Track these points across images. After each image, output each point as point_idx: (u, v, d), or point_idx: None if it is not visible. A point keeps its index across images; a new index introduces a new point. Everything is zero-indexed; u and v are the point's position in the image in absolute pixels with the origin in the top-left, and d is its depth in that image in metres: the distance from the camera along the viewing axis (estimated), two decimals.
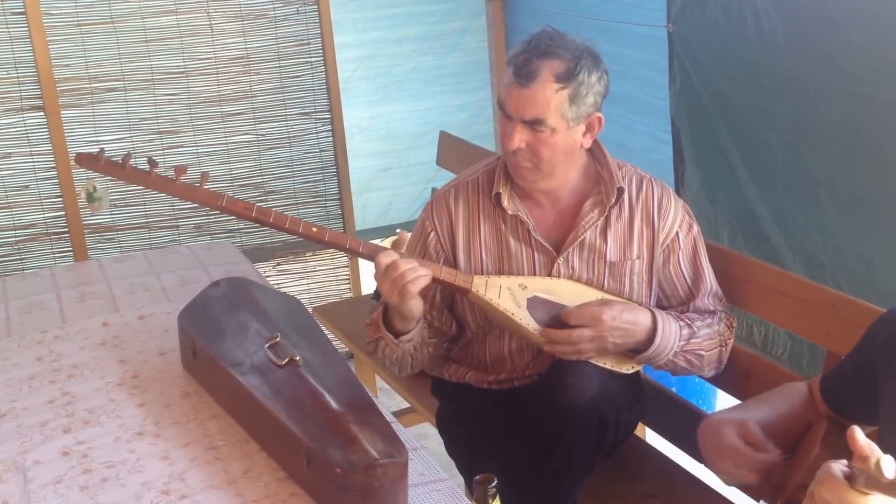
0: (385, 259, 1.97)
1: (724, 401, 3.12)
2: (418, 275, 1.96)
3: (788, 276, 2.27)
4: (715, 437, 1.67)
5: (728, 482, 1.67)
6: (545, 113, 2.04)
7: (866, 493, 1.03)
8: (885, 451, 1.06)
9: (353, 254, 2.11)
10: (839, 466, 1.06)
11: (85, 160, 1.92)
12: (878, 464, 1.00)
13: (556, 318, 2.10)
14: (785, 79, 2.62)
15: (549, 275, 2.17)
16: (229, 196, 2.02)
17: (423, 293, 2.19)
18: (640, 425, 2.59)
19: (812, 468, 1.14)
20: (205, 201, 2.01)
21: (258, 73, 3.78)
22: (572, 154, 2.14)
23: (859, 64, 2.37)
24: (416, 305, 2.01)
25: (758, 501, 1.84)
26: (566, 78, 2.04)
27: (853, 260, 2.51)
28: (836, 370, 1.77)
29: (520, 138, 2.06)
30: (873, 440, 1.07)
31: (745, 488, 1.78)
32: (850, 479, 1.05)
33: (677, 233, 2.20)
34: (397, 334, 2.10)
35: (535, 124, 2.05)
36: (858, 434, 1.06)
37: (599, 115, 2.12)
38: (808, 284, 2.20)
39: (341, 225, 3.96)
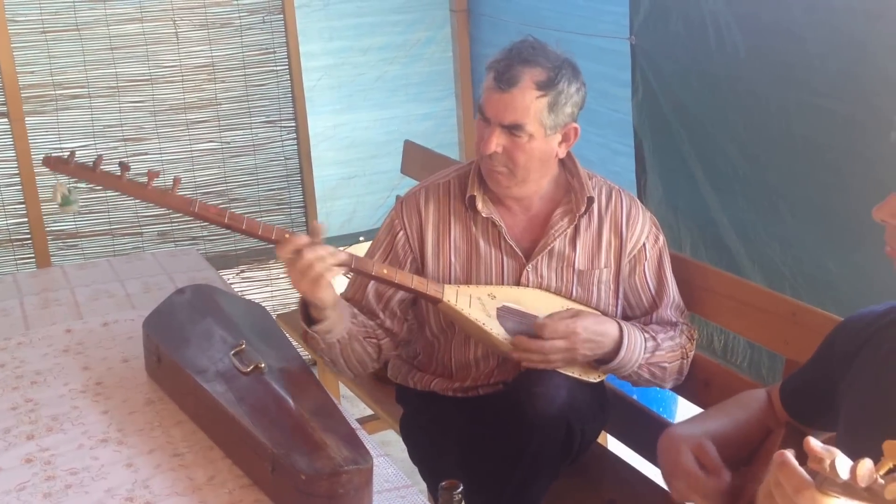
0: (291, 245, 1.92)
1: (684, 408, 3.16)
2: (327, 265, 1.91)
3: (748, 286, 2.30)
4: (672, 455, 1.69)
5: (678, 500, 1.70)
6: (524, 118, 2.06)
7: (830, 496, 1.05)
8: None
9: (268, 240, 2.03)
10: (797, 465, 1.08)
11: (53, 163, 1.90)
12: (832, 464, 1.02)
13: (526, 328, 2.11)
14: (746, 91, 2.66)
15: (518, 281, 2.19)
16: (202, 202, 2.00)
17: (380, 294, 2.20)
18: (602, 433, 2.62)
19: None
20: (176, 206, 1.98)
21: (223, 81, 3.78)
22: (547, 162, 2.16)
23: (818, 77, 2.42)
24: (326, 295, 1.95)
25: None
26: (546, 86, 2.07)
27: (811, 269, 2.54)
28: (796, 377, 1.80)
29: (497, 142, 2.08)
30: (831, 446, 1.09)
31: None
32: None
33: (644, 244, 2.23)
34: (314, 323, 2.04)
35: (513, 129, 2.07)
36: (813, 441, 1.08)
37: (576, 125, 2.15)
38: (768, 293, 2.24)
39: (305, 233, 3.94)
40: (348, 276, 2.23)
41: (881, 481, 0.97)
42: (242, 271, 3.97)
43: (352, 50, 3.97)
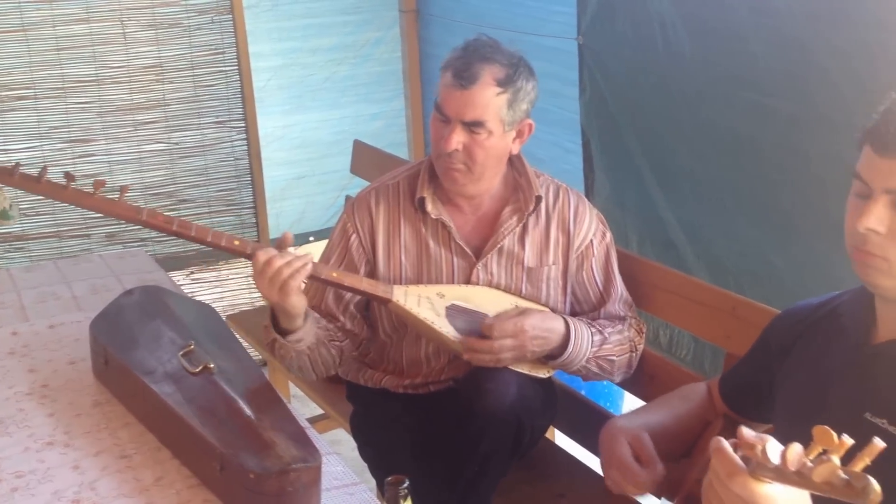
0: (263, 256, 1.92)
1: (630, 403, 3.20)
2: (294, 269, 1.91)
3: (691, 281, 2.34)
4: (609, 446, 1.72)
5: (612, 489, 1.73)
6: (485, 115, 2.08)
7: (764, 481, 1.07)
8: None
9: (231, 251, 2.03)
10: (732, 451, 1.11)
11: None
12: (763, 450, 1.05)
13: (475, 325, 2.13)
14: (692, 90, 2.70)
15: (468, 280, 2.21)
16: (149, 209, 1.99)
17: (339, 297, 2.21)
18: (550, 427, 2.65)
19: (708, 465, 1.19)
20: (124, 215, 1.96)
21: (172, 82, 3.76)
22: (502, 159, 2.18)
23: (761, 76, 2.46)
24: (298, 302, 1.97)
25: (659, 498, 1.90)
26: (506, 83, 2.09)
27: (756, 264, 2.59)
28: (734, 370, 1.84)
29: (457, 140, 2.09)
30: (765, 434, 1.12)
31: None
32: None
33: (591, 240, 2.26)
34: (285, 333, 2.06)
35: (474, 126, 2.08)
36: (746, 431, 1.11)
37: (530, 122, 2.18)
38: (710, 288, 2.28)
39: (256, 233, 3.95)
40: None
41: (810, 465, 0.99)
42: (192, 273, 3.95)
43: (301, 50, 3.96)
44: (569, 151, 3.27)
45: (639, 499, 2.23)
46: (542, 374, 2.18)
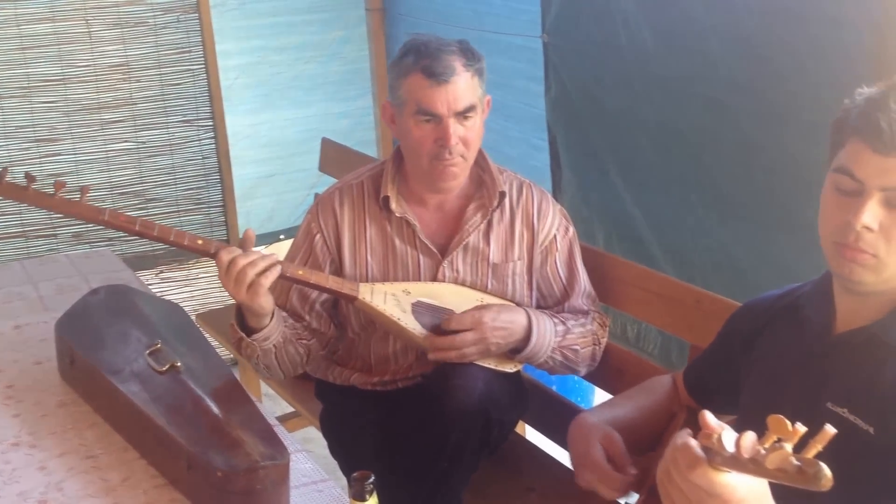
0: (226, 256, 1.93)
1: (601, 398, 3.22)
2: (260, 269, 1.92)
3: (655, 275, 2.37)
4: (583, 447, 1.74)
5: (583, 487, 1.74)
6: (473, 98, 2.12)
7: (723, 471, 1.09)
8: None
9: (199, 252, 2.04)
10: (696, 444, 1.12)
11: None
12: (719, 438, 1.07)
13: (439, 329, 2.14)
14: (655, 87, 2.73)
15: (435, 277, 2.22)
16: (111, 210, 1.98)
17: (304, 296, 2.22)
18: (520, 423, 2.66)
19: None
20: (85, 216, 1.96)
21: (138, 81, 3.74)
22: (481, 138, 2.21)
23: (721, 73, 2.49)
24: (266, 301, 1.98)
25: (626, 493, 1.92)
26: (471, 63, 2.12)
27: (720, 257, 2.62)
28: (697, 362, 1.86)
29: (456, 133, 2.10)
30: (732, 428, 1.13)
31: None
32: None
33: (555, 235, 2.28)
34: (251, 332, 2.07)
35: (467, 113, 2.11)
36: (708, 415, 1.13)
37: (489, 96, 2.21)
38: (674, 282, 2.30)
39: (225, 232, 3.95)
40: None
41: (763, 452, 1.01)
42: (161, 272, 3.94)
43: (268, 49, 3.96)
44: (536, 148, 3.29)
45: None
46: (509, 368, 2.20)
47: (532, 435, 2.69)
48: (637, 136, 2.82)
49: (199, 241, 2.00)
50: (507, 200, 2.25)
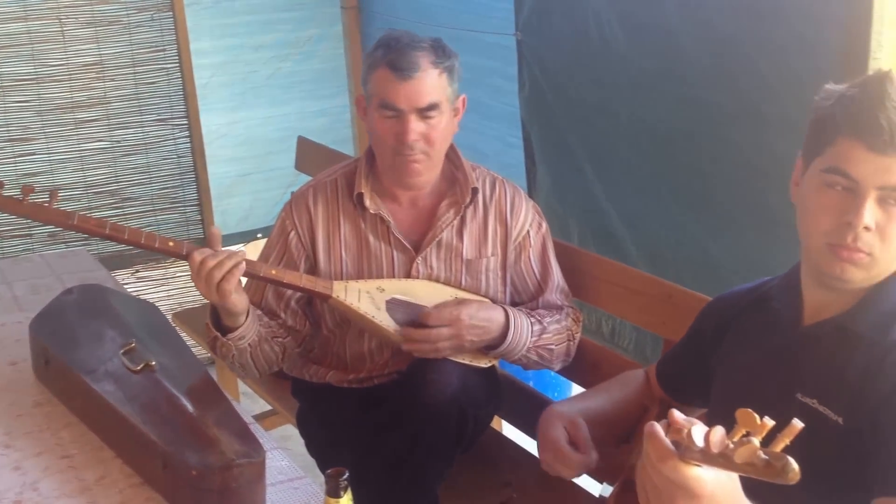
0: (198, 257, 1.94)
1: (577, 393, 3.24)
2: (226, 269, 1.93)
3: (629, 271, 2.39)
4: (545, 429, 1.75)
5: (547, 470, 1.76)
6: (438, 96, 2.12)
7: (693, 464, 1.10)
8: None
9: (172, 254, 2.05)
10: (665, 437, 1.13)
11: None
12: (689, 433, 1.08)
13: (415, 318, 2.15)
14: (627, 83, 2.74)
15: (409, 274, 2.23)
16: (80, 214, 1.97)
17: (279, 294, 2.22)
18: (496, 418, 2.68)
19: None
20: (54, 221, 1.95)
21: (112, 80, 3.73)
22: (450, 138, 2.21)
23: (692, 70, 2.51)
24: (238, 300, 1.99)
25: (601, 483, 1.94)
26: (440, 61, 2.13)
27: (693, 252, 2.64)
28: (670, 356, 1.88)
29: (416, 130, 2.11)
30: (703, 422, 1.14)
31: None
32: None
33: (528, 231, 2.29)
34: (226, 331, 2.07)
35: (429, 111, 2.11)
36: (675, 412, 1.14)
37: (464, 95, 2.22)
38: (646, 277, 2.32)
39: (201, 231, 3.94)
40: None
41: (732, 446, 1.03)
42: (138, 271, 3.93)
43: (243, 47, 3.96)
44: (510, 146, 3.30)
45: (581, 485, 2.28)
46: (484, 363, 2.21)
47: (508, 430, 2.70)
48: (610, 132, 2.84)
49: (171, 244, 2.00)
50: (480, 197, 2.26)
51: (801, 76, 2.20)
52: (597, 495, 2.02)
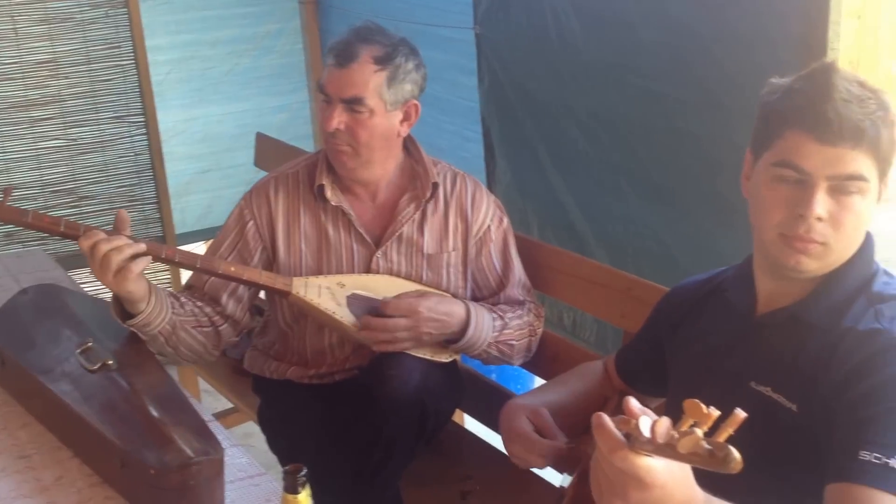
0: (86, 242, 1.89)
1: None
2: (128, 255, 1.89)
3: (587, 263, 2.40)
4: (509, 422, 1.76)
5: (518, 464, 1.76)
6: (364, 92, 2.11)
7: (644, 455, 1.10)
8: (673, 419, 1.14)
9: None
10: (615, 427, 1.14)
11: None
12: (636, 424, 1.09)
13: (376, 312, 2.15)
14: (585, 76, 2.76)
15: (368, 268, 2.23)
16: (35, 211, 1.95)
17: (226, 282, 2.20)
18: (458, 412, 2.68)
19: None
20: (8, 219, 1.92)
21: (67, 77, 3.69)
22: (389, 141, 2.20)
23: (650, 62, 2.53)
24: (134, 287, 1.93)
25: (561, 473, 1.95)
26: (384, 61, 2.12)
27: (651, 244, 2.66)
28: (628, 347, 1.90)
29: (339, 119, 2.11)
30: (661, 411, 1.15)
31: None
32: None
33: (489, 226, 2.30)
34: (127, 318, 2.01)
35: (354, 104, 2.11)
36: (631, 401, 1.15)
37: (416, 103, 2.20)
38: (605, 269, 2.34)
39: (160, 229, 3.91)
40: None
41: (677, 437, 1.04)
42: None
43: (200, 43, 3.93)
44: (468, 140, 3.31)
45: (542, 475, 2.29)
46: (444, 358, 2.21)
47: (470, 424, 2.71)
48: (569, 125, 2.85)
49: (82, 229, 1.93)
50: (440, 191, 2.26)
51: (761, 67, 2.20)
52: (557, 485, 2.03)
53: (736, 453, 0.98)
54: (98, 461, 1.73)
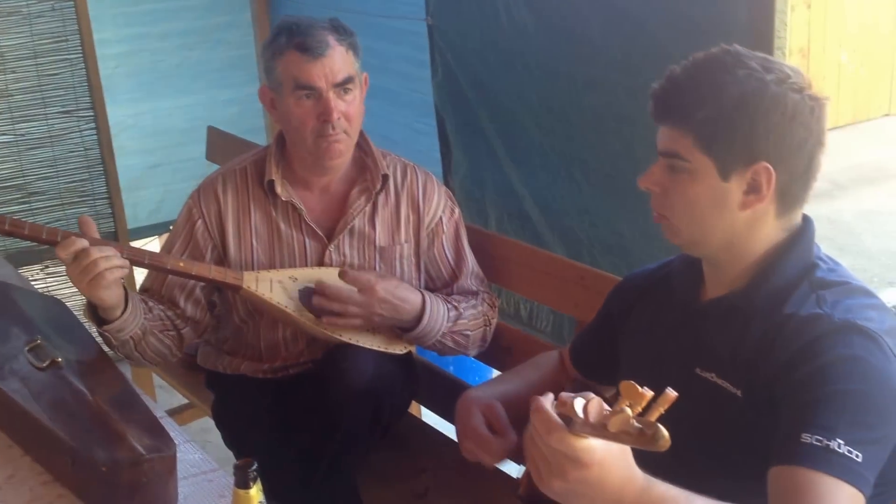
0: (71, 247, 1.89)
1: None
2: (113, 264, 1.89)
3: (541, 254, 2.41)
4: (463, 417, 1.76)
5: (469, 458, 1.77)
6: (351, 70, 2.12)
7: (582, 437, 1.11)
8: None
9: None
10: (552, 409, 1.14)
11: None
12: (571, 405, 1.10)
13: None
14: (537, 66, 2.76)
15: (321, 262, 2.22)
16: (12, 218, 1.93)
17: (182, 282, 2.18)
18: (415, 404, 2.68)
19: None
20: None
21: (14, 72, 3.62)
22: (362, 117, 2.20)
23: (601, 51, 2.53)
24: (110, 295, 1.93)
25: (519, 465, 1.96)
26: (343, 38, 2.13)
27: (606, 235, 2.67)
28: (581, 337, 1.91)
29: (337, 107, 2.10)
30: (615, 400, 1.16)
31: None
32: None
33: (441, 217, 2.30)
34: (102, 323, 2.02)
35: (346, 84, 2.11)
36: (564, 394, 1.15)
37: (366, 74, 2.21)
38: (559, 260, 2.35)
39: (112, 224, 3.86)
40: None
41: (609, 416, 1.05)
42: (47, 266, 3.83)
43: (149, 36, 3.88)
44: (421, 133, 3.30)
45: (500, 467, 2.29)
46: (399, 349, 2.21)
47: (427, 416, 2.71)
48: (522, 116, 2.85)
49: (59, 237, 1.93)
50: (391, 183, 2.26)
51: None
52: (515, 476, 2.04)
53: (664, 431, 1.00)
54: (49, 459, 1.72)
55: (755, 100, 1.39)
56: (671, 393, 1.02)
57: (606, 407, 1.08)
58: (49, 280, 3.82)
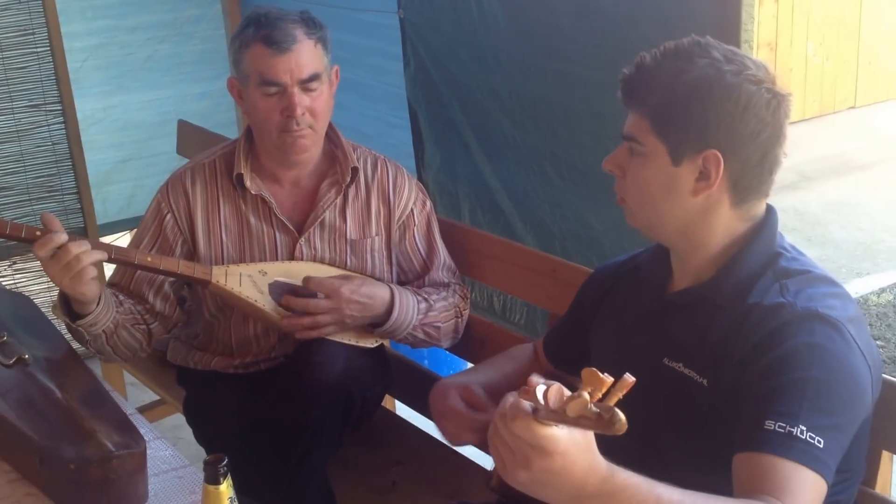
0: (50, 244, 1.86)
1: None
2: (95, 259, 1.88)
3: (513, 246, 2.41)
4: (440, 400, 1.75)
5: (452, 442, 1.76)
6: (318, 67, 2.10)
7: (546, 425, 1.11)
8: None
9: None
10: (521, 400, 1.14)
11: None
12: (534, 393, 1.10)
13: (297, 293, 2.12)
14: (508, 60, 2.76)
15: (292, 255, 2.21)
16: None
17: (151, 277, 2.17)
18: (389, 398, 2.68)
19: None
20: None
21: None
22: (331, 112, 2.18)
23: (570, 46, 2.53)
24: (91, 289, 1.92)
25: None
26: (313, 32, 2.11)
27: (577, 227, 2.68)
28: (554, 329, 1.91)
29: (301, 103, 2.08)
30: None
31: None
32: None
33: (412, 210, 2.29)
34: (78, 317, 2.00)
35: (311, 81, 2.08)
36: (533, 377, 1.15)
37: (336, 66, 2.19)
38: (531, 252, 2.35)
39: (81, 219, 3.82)
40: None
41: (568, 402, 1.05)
42: (15, 262, 3.79)
43: (118, 29, 3.83)
44: (394, 126, 3.28)
45: (473, 459, 2.30)
46: (370, 343, 2.20)
47: (402, 410, 2.71)
48: (494, 109, 2.85)
49: (38, 233, 1.89)
50: (361, 176, 2.25)
51: None
52: (489, 469, 2.03)
53: (621, 415, 1.00)
54: (17, 457, 1.70)
55: (708, 88, 1.41)
56: (629, 378, 1.03)
57: (567, 392, 1.08)
58: (17, 276, 3.78)
